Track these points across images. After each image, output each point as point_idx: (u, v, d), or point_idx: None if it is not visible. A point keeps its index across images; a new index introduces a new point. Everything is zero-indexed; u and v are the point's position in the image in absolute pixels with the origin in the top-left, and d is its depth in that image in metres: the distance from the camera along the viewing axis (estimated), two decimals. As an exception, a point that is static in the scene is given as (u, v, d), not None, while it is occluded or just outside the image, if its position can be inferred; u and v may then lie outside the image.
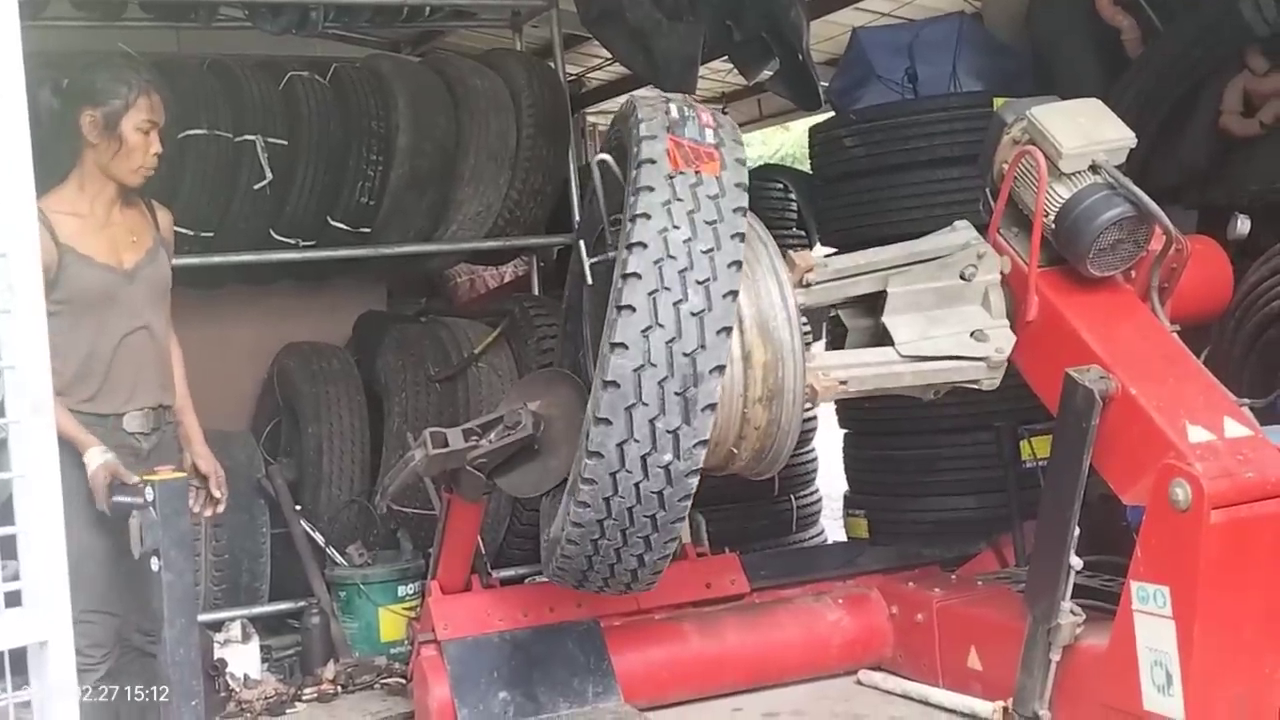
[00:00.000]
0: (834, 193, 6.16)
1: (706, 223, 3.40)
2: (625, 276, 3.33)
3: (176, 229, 4.16)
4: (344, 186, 5.88)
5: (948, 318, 4.00)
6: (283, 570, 5.65)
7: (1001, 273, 4.04)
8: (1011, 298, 4.04)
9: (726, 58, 6.75)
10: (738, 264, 3.41)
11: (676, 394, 3.31)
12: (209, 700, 3.85)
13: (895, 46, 6.17)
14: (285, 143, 5.64)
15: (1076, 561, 3.65)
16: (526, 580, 5.56)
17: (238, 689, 4.73)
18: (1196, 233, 4.54)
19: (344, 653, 5.19)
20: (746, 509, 6.47)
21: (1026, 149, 3.92)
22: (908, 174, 5.67)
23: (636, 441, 3.32)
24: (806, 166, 7.37)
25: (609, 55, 7.62)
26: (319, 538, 5.53)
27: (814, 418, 6.84)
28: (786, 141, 17.04)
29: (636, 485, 3.37)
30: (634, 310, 3.31)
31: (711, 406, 3.36)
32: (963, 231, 4.10)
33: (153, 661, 3.53)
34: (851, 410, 6.08)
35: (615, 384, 3.30)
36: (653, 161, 3.45)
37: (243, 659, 4.92)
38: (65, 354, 3.50)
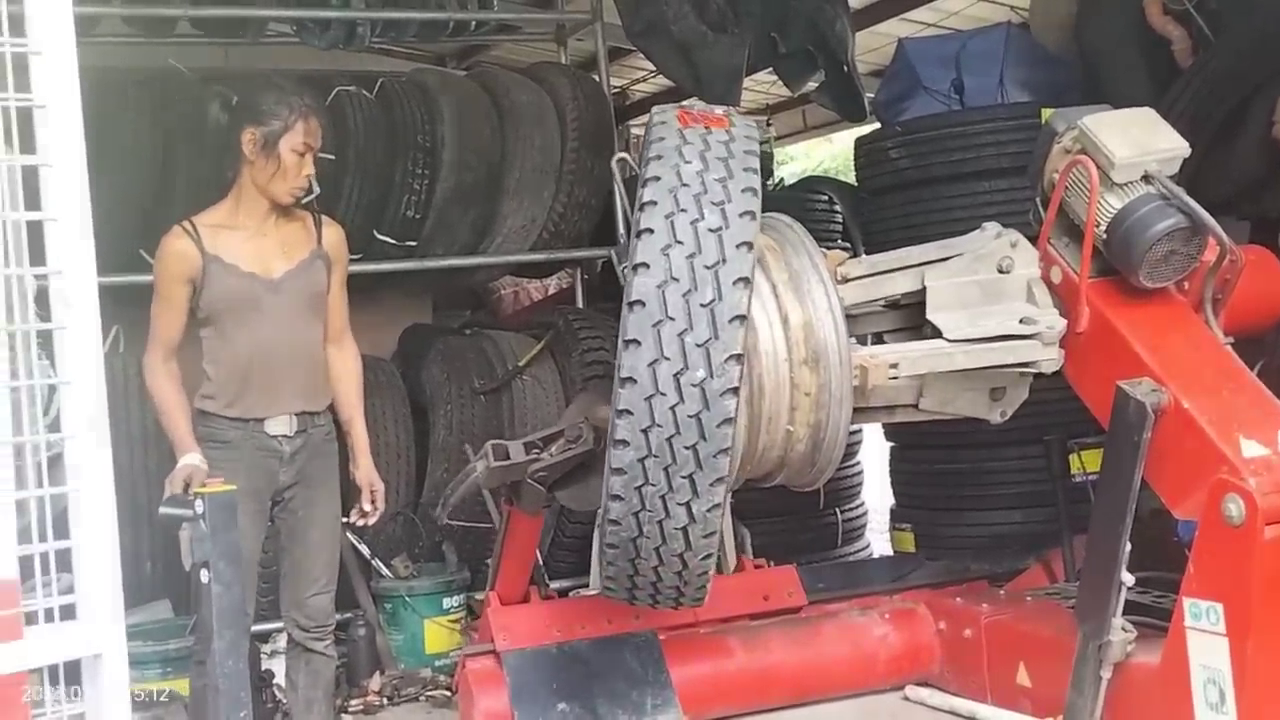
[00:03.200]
0: (879, 205, 6.13)
1: (719, 159, 3.42)
2: (643, 206, 3.34)
3: None
4: (390, 200, 5.92)
5: (994, 312, 3.94)
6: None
7: (1051, 282, 4.00)
8: (1058, 299, 4.00)
9: (771, 70, 6.75)
10: (753, 190, 3.39)
11: (703, 306, 3.26)
12: (257, 711, 3.87)
13: (941, 57, 6.13)
14: (332, 157, 5.66)
15: (1128, 577, 3.62)
16: (571, 593, 5.56)
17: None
18: (1249, 244, 4.48)
19: (389, 665, 5.21)
20: (792, 522, 6.44)
21: (1078, 158, 3.88)
22: (954, 186, 5.64)
23: (667, 359, 3.25)
24: (850, 179, 7.35)
25: (653, 68, 7.63)
26: (365, 550, 5.55)
27: (859, 430, 6.80)
28: (829, 155, 16.99)
29: (673, 409, 3.26)
30: (652, 232, 3.31)
31: (740, 318, 3.28)
32: (991, 228, 4.07)
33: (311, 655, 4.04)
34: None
35: (640, 303, 3.26)
36: (663, 123, 3.51)
37: (290, 670, 4.93)
38: (214, 360, 3.77)
